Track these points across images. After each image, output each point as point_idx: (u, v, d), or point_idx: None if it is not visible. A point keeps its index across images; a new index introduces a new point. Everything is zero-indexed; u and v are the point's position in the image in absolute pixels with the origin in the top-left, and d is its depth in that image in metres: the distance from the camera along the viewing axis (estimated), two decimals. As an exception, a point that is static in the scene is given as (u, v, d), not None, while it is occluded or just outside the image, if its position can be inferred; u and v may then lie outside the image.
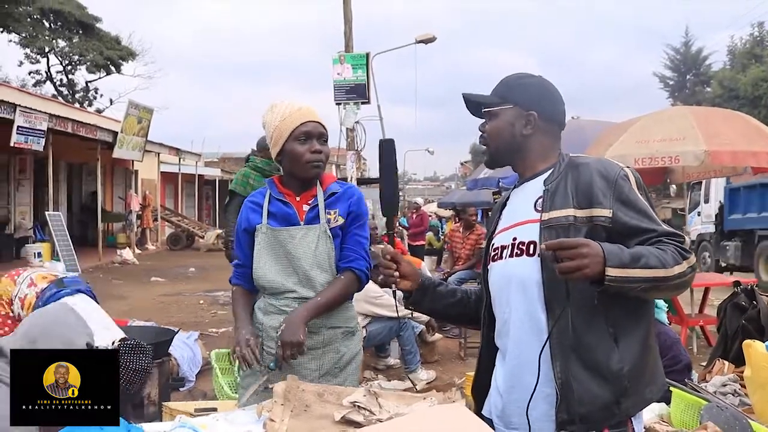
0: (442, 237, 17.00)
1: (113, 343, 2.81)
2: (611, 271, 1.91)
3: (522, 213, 2.29)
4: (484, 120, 2.37)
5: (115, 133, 21.14)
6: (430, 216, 22.28)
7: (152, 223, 26.97)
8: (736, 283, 3.87)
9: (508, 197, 2.45)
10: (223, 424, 2.40)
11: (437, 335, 8.25)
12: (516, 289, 2.23)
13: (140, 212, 25.31)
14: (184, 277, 18.02)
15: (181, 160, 29.09)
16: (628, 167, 2.22)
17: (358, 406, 2.31)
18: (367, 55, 17.22)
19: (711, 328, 8.70)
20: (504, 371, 2.29)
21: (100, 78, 39.76)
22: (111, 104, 40.53)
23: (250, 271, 2.93)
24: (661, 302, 4.09)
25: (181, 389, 6.16)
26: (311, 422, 2.27)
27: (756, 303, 3.57)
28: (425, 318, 7.44)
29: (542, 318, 2.15)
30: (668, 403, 2.78)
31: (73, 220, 24.67)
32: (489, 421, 2.25)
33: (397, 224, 16.82)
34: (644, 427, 2.53)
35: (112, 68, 38.70)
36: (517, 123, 2.29)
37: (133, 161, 24.48)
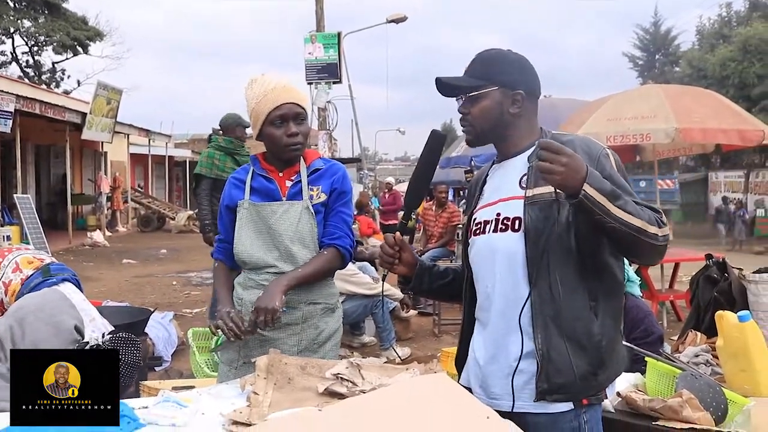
0: (415, 216, 17.04)
1: (103, 335, 2.79)
2: (588, 188, 1.95)
3: (506, 189, 2.30)
4: (462, 101, 2.34)
5: (83, 115, 20.82)
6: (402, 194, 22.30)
7: (122, 205, 26.72)
8: (708, 256, 3.93)
9: (487, 174, 2.47)
10: (207, 398, 2.41)
11: (411, 312, 8.29)
12: (500, 263, 2.25)
13: (110, 194, 25.04)
14: (155, 258, 17.90)
15: (151, 141, 28.76)
16: (608, 148, 2.27)
17: (341, 378, 2.32)
18: (339, 34, 17.18)
19: (681, 303, 8.83)
20: (485, 342, 2.32)
21: (67, 59, 39.08)
22: (79, 85, 39.94)
23: (231, 246, 2.93)
24: (633, 275, 4.15)
25: (157, 369, 6.14)
26: (294, 394, 2.28)
27: (727, 275, 3.63)
28: (399, 295, 7.49)
29: (525, 291, 2.19)
30: (643, 373, 2.83)
31: (42, 203, 24.34)
32: (468, 391, 2.28)
33: (370, 204, 16.87)
34: (621, 396, 2.58)
35: (80, 49, 38.01)
36: (505, 103, 2.28)
37: (102, 143, 24.19)
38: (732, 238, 24.73)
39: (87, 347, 2.61)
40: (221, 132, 7.12)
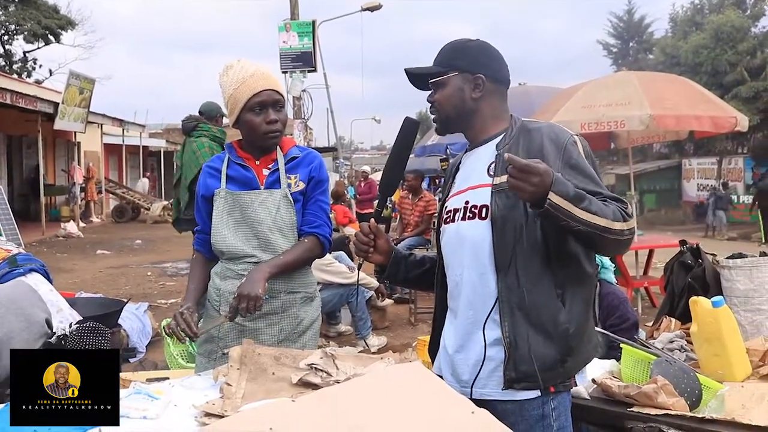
0: (391, 205, 17.06)
1: (71, 325, 2.75)
2: (553, 197, 1.95)
3: (475, 177, 2.32)
4: (431, 91, 2.37)
5: (56, 104, 20.56)
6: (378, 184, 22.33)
7: (96, 195, 26.49)
8: (683, 242, 3.94)
9: (460, 161, 2.48)
10: (179, 389, 2.39)
11: (387, 301, 8.29)
12: (468, 251, 2.26)
13: (84, 185, 24.81)
14: (130, 249, 17.77)
15: (125, 131, 28.53)
16: (577, 135, 2.27)
17: (316, 369, 2.31)
18: (313, 22, 17.10)
19: (655, 289, 8.91)
20: (455, 330, 2.34)
21: (38, 48, 38.50)
22: (51, 75, 39.36)
23: (209, 237, 2.90)
24: (608, 262, 4.15)
25: (131, 360, 6.09)
26: (268, 385, 2.26)
27: (701, 261, 3.65)
28: (375, 284, 7.49)
29: (492, 279, 2.20)
30: (619, 359, 2.84)
31: (14, 194, 24.03)
32: (441, 379, 2.28)
33: (346, 193, 16.84)
34: (596, 383, 2.58)
35: (51, 38, 37.47)
36: (466, 87, 2.31)
37: (75, 133, 23.91)
38: (708, 225, 24.94)
39: (54, 338, 2.58)
40: (211, 120, 6.92)
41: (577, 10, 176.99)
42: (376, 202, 2.66)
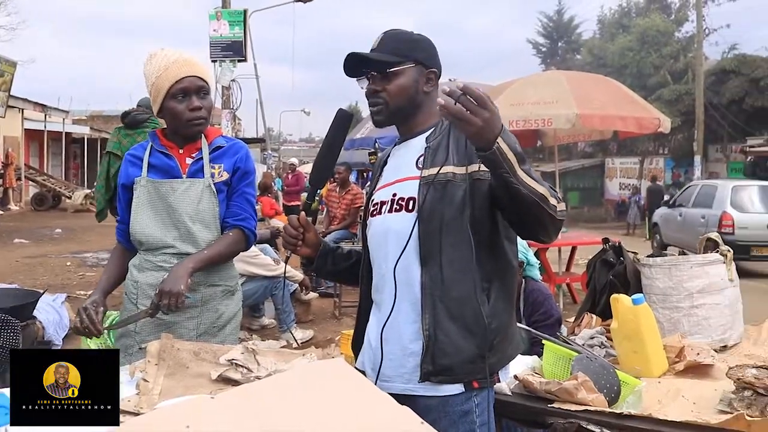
0: (318, 197, 17.00)
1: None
2: (501, 143, 1.89)
3: (404, 170, 2.30)
4: (374, 79, 2.31)
5: (-27, 87, 19.93)
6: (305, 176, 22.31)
7: (15, 182, 25.73)
8: (605, 240, 4.00)
9: (389, 155, 2.46)
10: (93, 385, 2.30)
11: (312, 294, 8.24)
12: (393, 243, 2.24)
13: (2, 171, 24.09)
14: (49, 238, 17.32)
15: (48, 117, 27.78)
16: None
17: (236, 364, 2.27)
18: (245, 11, 16.93)
19: (577, 285, 9.08)
20: (378, 324, 2.31)
21: (-45, 28, 37.20)
22: (-32, 57, 38.06)
23: (129, 227, 2.82)
24: (533, 259, 4.20)
25: (47, 353, 5.90)
26: (186, 381, 2.22)
27: (623, 259, 3.71)
28: (300, 277, 7.45)
29: (417, 272, 2.19)
30: (541, 355, 2.86)
31: (-73, 179, 23.22)
32: (363, 374, 2.26)
33: (273, 185, 16.72)
34: (518, 379, 2.60)
35: (-31, 18, 36.28)
36: (420, 80, 2.29)
37: (-7, 117, 23.22)
38: (629, 223, 25.59)
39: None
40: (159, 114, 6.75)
41: (509, 8, 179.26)
42: (304, 195, 2.63)
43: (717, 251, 3.45)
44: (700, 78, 26.11)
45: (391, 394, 1.95)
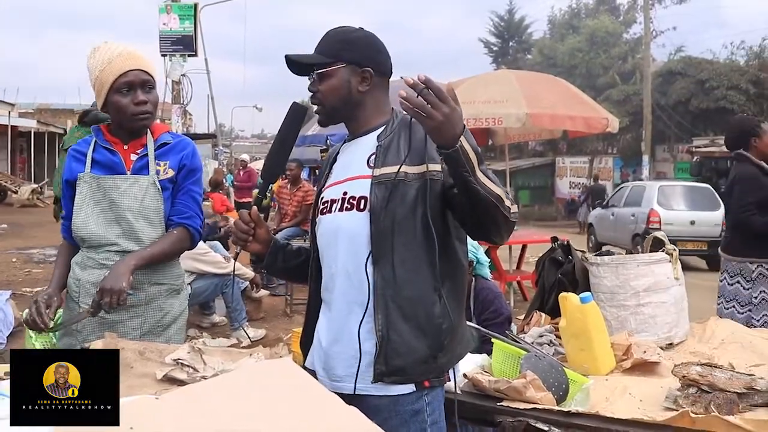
0: (270, 194, 16.90)
1: None
2: (464, 142, 1.90)
3: (354, 168, 2.28)
4: (313, 80, 2.29)
5: None
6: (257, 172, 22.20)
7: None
8: (554, 239, 4.04)
9: (338, 152, 2.44)
10: (34, 386, 2.25)
11: (262, 291, 8.22)
12: (344, 242, 2.23)
13: (-56, 165, 23.52)
14: (-6, 234, 16.92)
15: (-8, 109, 27.17)
16: None
17: (182, 364, 2.23)
18: (196, 6, 16.73)
19: (527, 283, 9.16)
20: (329, 323, 2.30)
21: None
22: None
23: None
24: (483, 258, 4.22)
25: (-11, 352, 5.78)
26: (131, 381, 2.17)
27: (571, 258, 3.74)
28: (251, 274, 7.40)
29: (369, 271, 2.17)
30: (491, 354, 2.87)
31: None
32: (313, 373, 2.24)
33: (225, 181, 16.57)
34: (467, 378, 2.60)
35: None
36: (353, 80, 2.26)
37: (-66, 109, 22.63)
38: (580, 222, 25.89)
39: None
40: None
41: (461, 7, 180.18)
42: (255, 191, 2.60)
43: (663, 250, 3.50)
44: (647, 79, 26.53)
45: (341, 393, 1.94)
